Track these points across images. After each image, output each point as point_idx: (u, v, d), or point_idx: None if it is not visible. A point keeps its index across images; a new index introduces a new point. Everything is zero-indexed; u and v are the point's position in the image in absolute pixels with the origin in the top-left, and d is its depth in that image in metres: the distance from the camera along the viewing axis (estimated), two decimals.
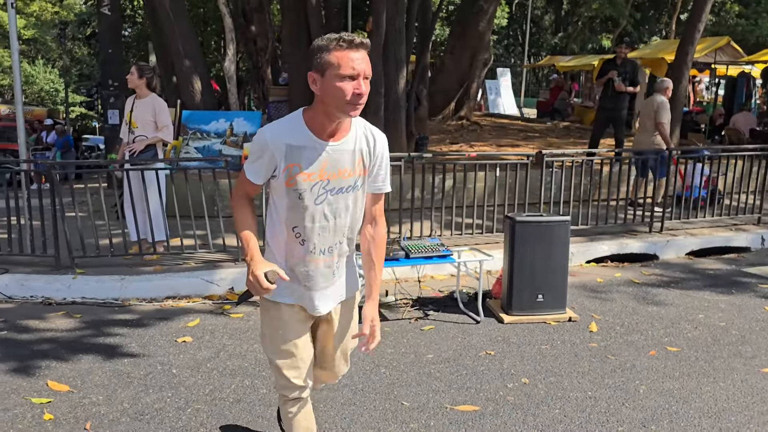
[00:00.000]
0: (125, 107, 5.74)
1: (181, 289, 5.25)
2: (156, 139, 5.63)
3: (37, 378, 3.68)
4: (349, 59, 2.00)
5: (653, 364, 3.97)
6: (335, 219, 2.19)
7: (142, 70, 5.57)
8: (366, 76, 2.03)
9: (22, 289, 5.20)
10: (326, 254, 2.23)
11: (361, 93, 2.02)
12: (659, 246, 6.61)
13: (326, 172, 2.12)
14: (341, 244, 2.26)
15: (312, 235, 2.18)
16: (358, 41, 2.01)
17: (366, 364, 3.92)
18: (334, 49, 2.00)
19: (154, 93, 5.65)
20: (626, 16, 24.08)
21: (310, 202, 2.14)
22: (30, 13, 35.26)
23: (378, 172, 2.25)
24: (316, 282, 2.25)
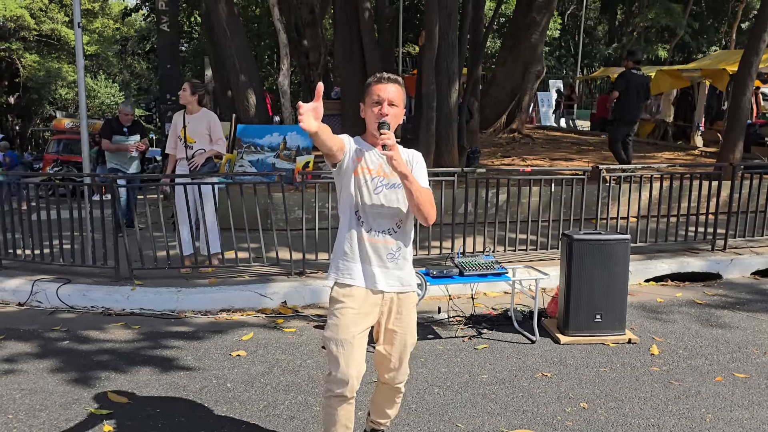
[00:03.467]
0: (174, 123, 5.86)
1: (235, 302, 5.31)
2: (213, 152, 5.75)
3: (97, 389, 3.77)
4: (379, 89, 2.58)
5: (720, 391, 3.79)
6: (390, 207, 2.64)
7: (195, 87, 5.72)
8: (391, 102, 2.56)
9: (83, 299, 5.36)
10: (383, 235, 2.65)
11: (383, 113, 2.55)
12: (723, 265, 6.35)
13: (381, 171, 2.65)
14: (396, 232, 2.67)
15: (369, 218, 2.64)
16: (387, 77, 2.61)
17: (419, 383, 3.87)
18: (371, 83, 2.62)
19: (204, 108, 5.77)
20: (683, 25, 23.41)
21: (367, 192, 2.63)
22: (93, 30, 36.73)
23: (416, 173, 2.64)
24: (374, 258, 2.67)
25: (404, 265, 2.71)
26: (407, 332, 2.74)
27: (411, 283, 2.75)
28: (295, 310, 5.25)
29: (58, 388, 3.78)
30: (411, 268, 2.76)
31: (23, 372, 4.02)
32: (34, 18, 32.28)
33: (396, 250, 2.68)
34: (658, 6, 23.00)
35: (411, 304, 2.76)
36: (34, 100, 36.76)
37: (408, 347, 2.77)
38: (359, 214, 2.65)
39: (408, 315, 2.74)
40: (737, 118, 9.07)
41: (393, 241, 2.67)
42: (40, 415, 3.44)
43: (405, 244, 2.71)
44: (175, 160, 5.85)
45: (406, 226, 2.70)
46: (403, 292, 2.72)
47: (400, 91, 2.61)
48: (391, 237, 2.66)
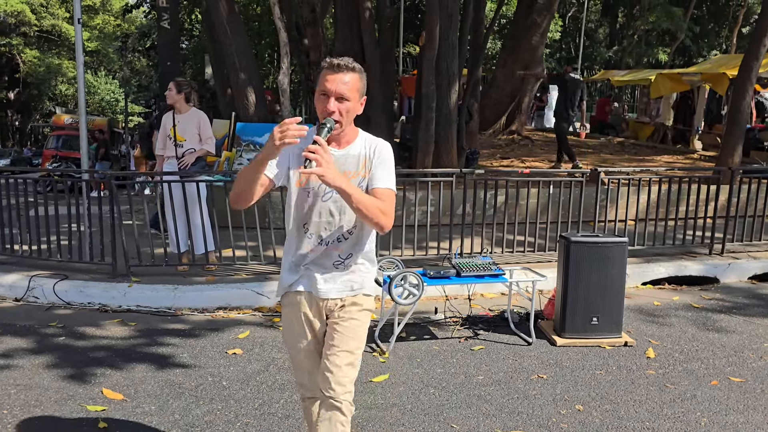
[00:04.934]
0: (163, 123, 5.82)
1: (232, 300, 5.30)
2: (203, 151, 5.73)
3: (93, 385, 3.76)
4: (327, 78, 2.26)
5: (715, 395, 3.79)
6: (340, 215, 2.38)
7: (180, 86, 5.68)
8: (340, 96, 2.26)
9: (80, 295, 5.35)
10: (330, 245, 2.40)
11: (330, 110, 2.25)
12: (720, 269, 6.35)
13: None
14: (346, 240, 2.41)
15: (313, 227, 2.39)
16: (340, 64, 2.26)
17: (415, 383, 3.87)
18: (322, 69, 2.29)
19: (193, 107, 5.74)
20: (684, 29, 23.41)
21: (314, 199, 2.38)
22: (94, 26, 36.68)
23: (374, 173, 2.38)
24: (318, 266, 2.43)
25: (356, 269, 2.45)
26: (348, 334, 2.42)
27: (363, 286, 2.47)
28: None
29: (53, 384, 3.78)
30: (366, 272, 2.48)
31: (19, 368, 4.01)
32: (35, 13, 32.22)
33: (345, 256, 2.42)
34: (659, 9, 23.01)
35: (359, 306, 2.46)
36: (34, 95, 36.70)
37: (346, 352, 2.41)
38: (307, 226, 2.40)
39: (353, 316, 2.44)
40: (737, 122, 9.08)
41: (342, 249, 2.41)
42: (35, 411, 3.43)
43: (357, 250, 2.44)
44: (163, 160, 5.82)
45: (360, 232, 2.42)
46: (351, 295, 2.44)
47: (355, 82, 2.28)
48: (341, 244, 2.41)
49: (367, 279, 2.50)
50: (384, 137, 2.61)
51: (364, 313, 2.48)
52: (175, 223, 5.69)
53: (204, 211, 5.71)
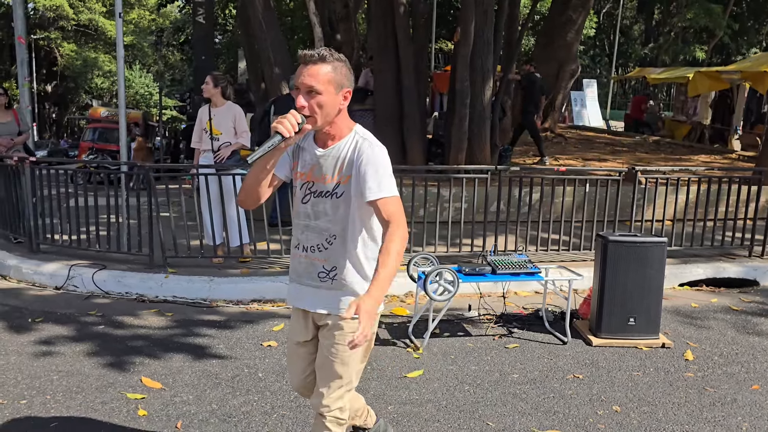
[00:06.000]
0: (199, 117, 5.88)
1: (266, 293, 5.35)
2: (238, 145, 5.78)
3: (132, 374, 3.83)
4: (299, 72, 2.13)
5: (757, 399, 3.71)
6: (316, 220, 2.25)
7: (217, 80, 5.73)
8: (309, 89, 2.09)
9: (118, 285, 5.45)
10: (310, 252, 2.28)
11: (299, 105, 2.10)
12: (760, 271, 6.21)
13: (312, 174, 2.25)
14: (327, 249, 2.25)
15: (296, 231, 2.32)
16: (310, 54, 2.10)
17: (449, 380, 3.86)
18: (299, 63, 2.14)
19: (229, 101, 5.79)
20: (723, 26, 22.89)
21: (298, 199, 2.30)
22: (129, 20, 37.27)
23: (360, 180, 2.16)
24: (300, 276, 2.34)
25: (344, 285, 2.26)
26: (336, 358, 2.29)
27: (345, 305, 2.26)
28: None
29: (93, 371, 3.86)
30: (357, 292, 2.25)
31: (60, 354, 4.10)
32: (73, 8, 32.90)
33: (330, 269, 2.25)
34: (697, 6, 22.54)
35: (347, 330, 2.27)
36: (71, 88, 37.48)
37: (333, 375, 2.31)
38: (293, 226, 2.35)
39: (338, 341, 2.28)
40: None
41: (323, 260, 2.25)
42: (77, 397, 3.51)
43: (344, 263, 2.24)
44: (200, 153, 5.88)
45: (343, 243, 2.23)
46: (336, 314, 2.28)
47: (328, 73, 2.09)
48: (321, 254, 2.25)
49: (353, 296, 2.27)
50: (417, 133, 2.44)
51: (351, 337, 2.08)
52: (211, 215, 5.76)
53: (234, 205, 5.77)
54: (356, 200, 2.19)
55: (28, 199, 6.06)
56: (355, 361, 2.34)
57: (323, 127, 2.17)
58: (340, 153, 2.20)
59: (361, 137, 2.21)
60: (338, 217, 2.22)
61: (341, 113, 2.19)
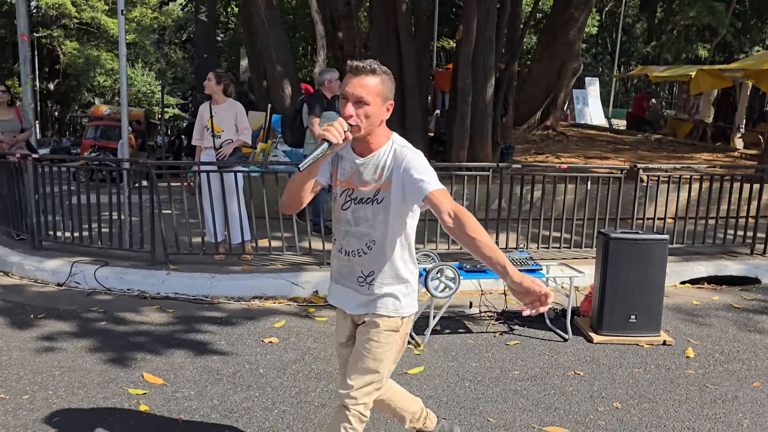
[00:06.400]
0: (200, 114, 5.88)
1: (268, 290, 5.36)
2: (240, 142, 5.79)
3: (134, 369, 3.84)
4: (346, 82, 2.18)
5: (758, 396, 3.71)
6: (357, 226, 2.32)
7: (220, 77, 5.74)
8: (358, 99, 2.16)
9: (120, 281, 5.46)
10: (351, 256, 2.37)
11: (347, 114, 2.16)
12: (762, 269, 6.20)
13: (351, 182, 2.32)
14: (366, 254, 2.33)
15: (338, 235, 2.41)
16: (360, 66, 2.16)
17: (450, 376, 3.87)
18: (346, 73, 2.21)
19: (230, 98, 5.79)
20: (726, 24, 22.86)
21: (338, 206, 2.37)
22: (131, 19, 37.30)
23: (410, 181, 2.20)
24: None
25: (377, 291, 2.34)
26: (369, 353, 2.35)
27: (388, 309, 2.35)
28: (326, 300, 5.27)
29: (95, 366, 3.87)
30: (391, 293, 2.35)
31: (62, 350, 4.12)
32: (75, 6, 32.94)
33: (368, 274, 2.34)
34: (700, 4, 22.51)
35: (380, 328, 2.35)
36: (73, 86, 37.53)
37: (365, 369, 2.36)
38: (333, 230, 2.45)
39: (371, 336, 2.35)
40: None
41: (362, 264, 2.34)
42: (79, 393, 3.52)
43: (382, 269, 2.33)
44: (201, 151, 5.89)
45: (382, 248, 2.31)
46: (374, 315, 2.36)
47: (377, 85, 2.17)
48: (361, 258, 2.34)
49: (394, 302, 2.36)
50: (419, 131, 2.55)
51: (386, 335, 2.35)
52: (213, 212, 5.77)
53: (241, 201, 5.79)
54: (396, 205, 2.27)
55: (31, 196, 6.08)
56: (388, 360, 2.39)
57: (365, 135, 2.24)
58: (379, 161, 2.27)
59: (399, 145, 2.29)
60: (378, 222, 2.30)
61: (382, 123, 2.27)
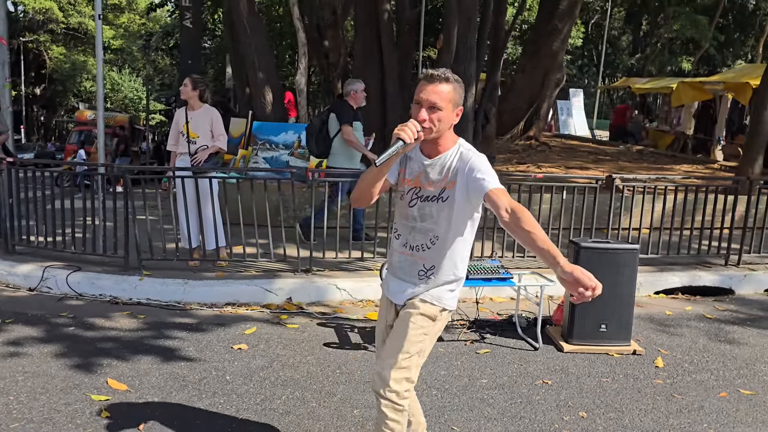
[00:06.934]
0: (176, 120, 5.86)
1: (241, 296, 5.33)
2: (215, 148, 5.77)
3: (98, 375, 3.80)
4: (421, 88, 2.37)
5: (724, 406, 3.73)
6: (422, 222, 2.47)
7: (196, 83, 5.72)
8: (431, 105, 2.32)
9: (92, 287, 5.41)
10: (415, 251, 2.50)
11: (421, 118, 2.32)
12: (736, 280, 6.25)
13: (418, 181, 2.49)
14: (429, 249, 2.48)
15: (404, 231, 2.54)
16: (435, 74, 2.36)
17: (417, 384, 3.83)
18: (419, 80, 2.41)
19: (206, 104, 5.78)
20: (709, 38, 23.13)
21: (404, 203, 2.52)
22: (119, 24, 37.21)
23: (472, 179, 2.37)
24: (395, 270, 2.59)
25: (436, 283, 2.49)
26: (404, 335, 2.47)
27: (432, 297, 2.49)
28: (300, 307, 5.25)
29: (60, 372, 3.82)
30: (442, 287, 2.51)
31: (27, 355, 4.06)
32: (63, 11, 32.79)
33: (429, 267, 2.49)
34: (684, 18, 22.77)
35: (417, 310, 2.48)
36: (59, 92, 37.29)
37: (396, 347, 2.47)
38: (396, 226, 2.58)
39: (406, 319, 2.49)
40: (758, 132, 8.94)
41: (425, 258, 2.49)
42: (41, 398, 3.47)
43: (442, 263, 2.48)
44: (176, 156, 5.86)
45: (444, 243, 2.46)
46: (419, 299, 2.50)
47: (450, 92, 2.35)
48: (424, 253, 2.49)
49: (439, 293, 2.50)
50: None
51: (422, 319, 2.48)
52: (187, 218, 5.73)
53: (216, 208, 5.76)
54: (459, 203, 2.43)
55: (5, 200, 6.02)
56: (420, 345, 2.50)
57: (435, 138, 2.40)
58: (446, 162, 2.44)
59: (465, 149, 2.46)
60: (442, 219, 2.45)
61: (450, 127, 2.44)
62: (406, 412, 2.51)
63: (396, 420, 2.45)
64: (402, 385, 2.46)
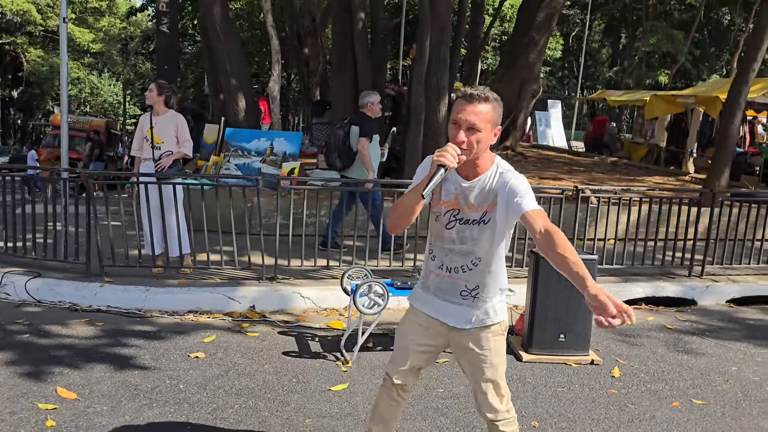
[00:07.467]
0: (140, 125, 5.82)
1: (203, 304, 5.29)
2: (180, 154, 5.73)
3: (48, 383, 3.74)
4: (459, 108, 2.30)
5: (675, 416, 3.76)
6: (462, 244, 2.43)
7: (162, 88, 5.70)
8: (470, 126, 2.26)
9: (51, 293, 5.33)
10: (453, 273, 2.48)
11: (459, 140, 2.26)
12: (698, 291, 6.33)
13: (456, 203, 2.43)
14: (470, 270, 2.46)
15: (440, 253, 2.49)
16: (474, 94, 2.28)
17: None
18: (457, 98, 2.34)
19: (171, 110, 5.76)
20: (684, 52, 23.54)
21: (441, 225, 2.46)
22: (99, 28, 36.94)
23: (512, 202, 2.34)
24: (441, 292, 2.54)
25: (482, 304, 2.48)
26: (490, 366, 2.53)
27: (489, 316, 2.50)
28: (263, 315, 5.22)
29: (8, 380, 3.76)
30: (494, 303, 2.50)
31: None
32: (41, 13, 32.49)
33: (472, 288, 2.47)
34: (661, 32, 23.15)
35: (495, 333, 2.52)
36: (37, 95, 36.91)
37: (486, 380, 2.54)
38: (431, 248, 2.53)
39: (491, 345, 2.51)
40: (725, 146, 9.09)
41: (466, 279, 2.46)
42: None
43: (485, 282, 2.47)
44: (140, 162, 5.82)
45: (487, 264, 2.45)
46: (482, 326, 2.50)
47: (488, 113, 2.29)
48: (465, 274, 2.46)
49: (495, 311, 2.51)
50: None
51: (495, 342, 2.52)
52: (151, 225, 5.68)
53: (180, 214, 5.71)
54: (501, 225, 2.41)
55: None
56: (504, 363, 2.59)
57: (473, 159, 2.35)
58: (485, 185, 2.39)
59: (504, 169, 2.41)
60: (483, 241, 2.42)
61: (487, 147, 2.37)
62: (516, 417, 2.68)
63: (515, 430, 2.65)
64: (507, 404, 2.62)
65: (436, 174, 2.25)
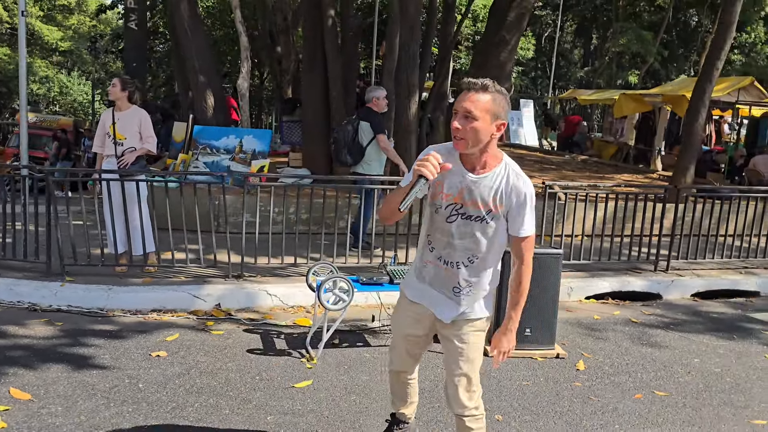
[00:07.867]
0: (102, 121, 5.71)
1: (167, 303, 5.20)
2: (143, 150, 5.63)
3: (1, 384, 3.64)
4: (459, 97, 2.29)
5: (637, 408, 3.79)
6: (461, 240, 2.41)
7: (125, 83, 5.60)
8: (466, 113, 2.25)
9: (9, 293, 5.19)
10: (450, 267, 2.47)
11: (454, 127, 2.26)
12: (663, 285, 6.41)
13: (460, 198, 2.38)
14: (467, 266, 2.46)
15: (438, 245, 2.47)
16: (472, 82, 2.27)
17: (337, 390, 3.81)
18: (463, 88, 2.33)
19: (134, 105, 5.66)
20: (653, 53, 23.88)
21: (441, 217, 2.42)
22: (69, 26, 36.30)
23: (515, 216, 2.39)
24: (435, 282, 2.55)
25: (471, 300, 2.51)
26: (465, 359, 2.56)
27: (476, 313, 2.53)
28: (228, 313, 5.15)
29: None
30: (481, 299, 2.54)
31: None
32: (7, 11, 31.83)
33: (465, 285, 2.47)
34: (630, 33, 23.46)
35: (476, 328, 2.56)
36: (3, 93, 36.08)
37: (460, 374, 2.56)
38: (430, 239, 2.50)
39: (469, 338, 2.54)
40: (690, 143, 9.23)
41: (462, 275, 2.46)
42: None
43: (478, 279, 2.47)
44: (102, 159, 5.71)
45: (484, 261, 2.46)
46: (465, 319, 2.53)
47: (487, 102, 2.24)
48: (461, 270, 2.45)
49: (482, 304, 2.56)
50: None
51: (474, 336, 2.56)
52: (113, 223, 5.58)
53: (144, 212, 5.61)
54: (503, 225, 2.42)
55: None
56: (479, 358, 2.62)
57: (470, 151, 2.31)
58: (494, 183, 2.36)
59: (513, 171, 2.39)
60: (485, 239, 2.41)
61: (492, 142, 2.33)
62: (484, 415, 2.67)
63: (481, 427, 2.64)
64: (477, 400, 2.62)
65: (416, 184, 2.22)
